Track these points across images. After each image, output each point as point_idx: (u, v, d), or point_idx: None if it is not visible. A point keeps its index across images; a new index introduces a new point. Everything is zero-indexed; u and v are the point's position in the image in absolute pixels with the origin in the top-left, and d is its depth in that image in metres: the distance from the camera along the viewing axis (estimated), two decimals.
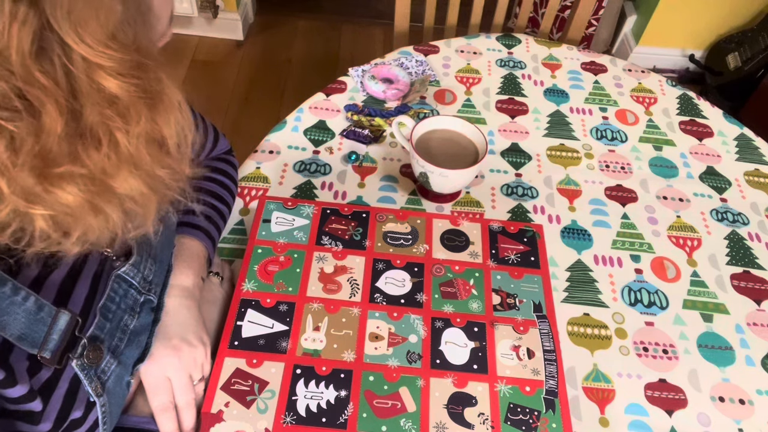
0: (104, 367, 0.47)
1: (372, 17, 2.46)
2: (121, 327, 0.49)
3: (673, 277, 0.78)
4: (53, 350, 0.42)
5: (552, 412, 0.63)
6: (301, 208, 0.79)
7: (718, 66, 2.07)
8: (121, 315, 0.49)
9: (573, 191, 0.87)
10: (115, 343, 0.48)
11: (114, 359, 0.48)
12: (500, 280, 0.74)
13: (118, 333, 0.49)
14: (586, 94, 1.02)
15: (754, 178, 0.91)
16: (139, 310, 0.51)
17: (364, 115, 0.92)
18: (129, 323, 0.50)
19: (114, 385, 0.48)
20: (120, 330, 0.49)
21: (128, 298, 0.50)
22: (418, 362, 0.66)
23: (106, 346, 0.47)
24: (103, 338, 0.47)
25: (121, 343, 0.49)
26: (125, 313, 0.49)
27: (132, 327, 0.50)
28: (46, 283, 0.43)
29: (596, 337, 0.71)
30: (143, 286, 0.52)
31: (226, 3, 2.22)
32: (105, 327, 0.47)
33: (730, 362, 0.70)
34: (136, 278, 0.50)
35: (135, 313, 0.51)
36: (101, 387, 0.46)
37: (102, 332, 0.47)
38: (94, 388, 0.45)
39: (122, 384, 0.49)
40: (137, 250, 0.51)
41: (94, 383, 0.45)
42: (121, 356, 0.49)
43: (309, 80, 2.20)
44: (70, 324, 0.43)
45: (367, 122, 0.92)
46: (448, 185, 0.80)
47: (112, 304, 0.48)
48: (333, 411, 0.62)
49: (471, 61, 1.06)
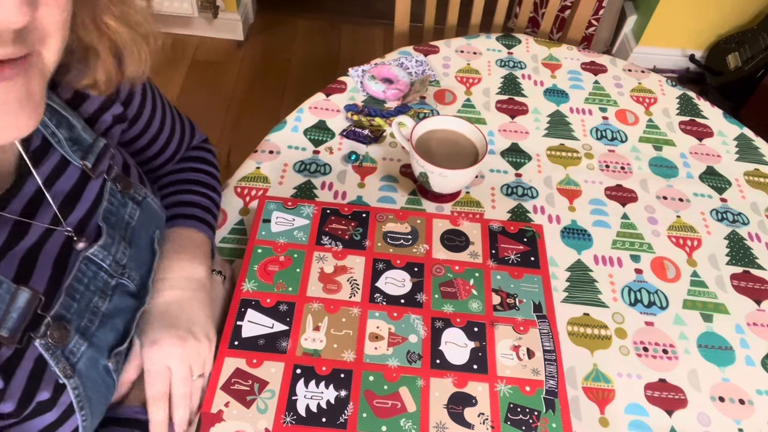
0: (72, 347, 0.46)
1: (372, 17, 2.47)
2: (91, 308, 0.49)
3: (673, 277, 0.78)
4: (12, 329, 0.41)
5: (552, 412, 0.63)
6: (301, 208, 0.79)
7: (718, 66, 2.07)
8: (90, 296, 0.49)
9: (573, 191, 0.87)
10: (84, 324, 0.48)
11: (84, 340, 0.47)
12: (500, 280, 0.74)
13: (88, 314, 0.48)
14: (586, 94, 1.02)
15: (754, 178, 0.91)
16: (111, 293, 0.51)
17: (364, 115, 0.92)
18: (100, 305, 0.50)
19: (87, 367, 0.47)
20: (90, 311, 0.48)
21: (98, 280, 0.50)
22: (418, 362, 0.66)
23: (73, 327, 0.46)
24: (69, 318, 0.46)
25: (91, 325, 0.48)
26: (95, 294, 0.49)
27: (104, 309, 0.50)
28: (4, 261, 0.43)
29: (596, 337, 0.71)
30: (115, 269, 0.51)
31: (226, 3, 2.22)
32: (72, 307, 0.47)
33: (730, 362, 0.70)
34: (106, 261, 0.50)
35: (106, 295, 0.50)
36: (70, 368, 0.45)
37: (68, 312, 0.46)
38: (62, 369, 0.44)
39: (98, 368, 0.49)
40: (106, 232, 0.51)
41: (61, 364, 0.45)
42: (93, 338, 0.48)
43: (309, 80, 2.20)
44: (31, 302, 0.42)
45: (367, 122, 0.92)
46: (448, 185, 0.80)
47: (79, 284, 0.48)
48: (333, 411, 0.62)
49: (471, 61, 1.06)
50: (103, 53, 0.46)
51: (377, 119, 0.91)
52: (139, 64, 0.49)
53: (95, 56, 0.46)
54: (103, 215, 0.52)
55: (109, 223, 0.52)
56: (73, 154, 0.50)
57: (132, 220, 0.55)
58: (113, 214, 0.53)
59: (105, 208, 0.52)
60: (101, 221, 0.51)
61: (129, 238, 0.54)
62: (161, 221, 0.61)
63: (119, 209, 0.54)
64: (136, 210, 0.56)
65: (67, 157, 0.50)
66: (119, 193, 0.54)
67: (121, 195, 0.54)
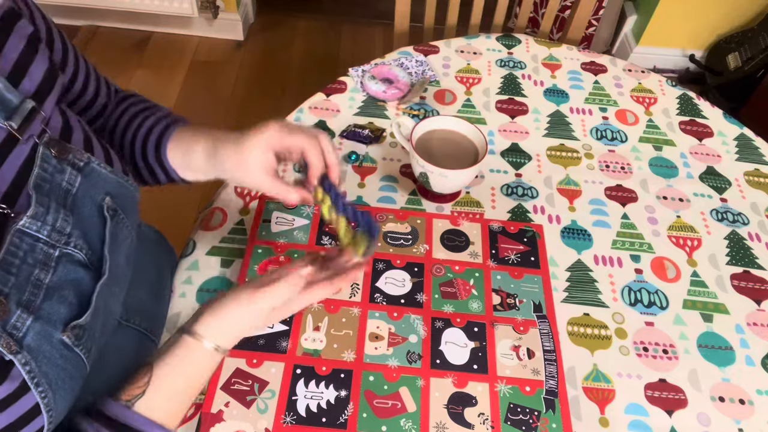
0: (14, 322, 0.45)
1: (372, 17, 2.47)
2: (33, 281, 0.47)
3: (673, 277, 0.78)
4: None
5: (552, 412, 0.63)
6: (301, 208, 0.79)
7: (718, 66, 2.07)
8: (29, 269, 0.47)
9: (573, 191, 0.87)
10: (26, 297, 0.46)
11: (27, 314, 0.45)
12: (500, 280, 0.74)
13: (29, 287, 0.46)
14: (586, 94, 1.02)
15: (754, 178, 0.91)
16: (54, 265, 0.49)
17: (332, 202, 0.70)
18: (42, 278, 0.48)
19: (37, 342, 0.46)
20: (32, 284, 0.47)
21: (36, 253, 0.48)
22: (418, 362, 0.66)
23: (12, 301, 0.45)
24: (7, 292, 0.45)
25: (35, 298, 0.47)
26: (34, 267, 0.47)
27: (48, 282, 0.48)
28: None
29: (596, 337, 0.71)
30: (57, 239, 0.49)
31: (226, 3, 2.22)
32: (8, 281, 0.45)
33: (730, 362, 0.70)
34: (42, 231, 0.48)
35: (48, 267, 0.48)
36: (15, 344, 0.44)
37: (5, 287, 0.45)
38: (4, 344, 0.43)
39: (51, 341, 0.47)
40: (36, 201, 0.48)
41: (3, 339, 0.43)
42: (39, 311, 0.47)
43: (309, 80, 2.20)
44: None
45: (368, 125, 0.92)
46: (448, 185, 0.80)
47: (14, 258, 0.46)
48: (333, 411, 0.62)
49: (471, 62, 1.06)
50: None
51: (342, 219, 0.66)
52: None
53: None
54: (34, 183, 0.48)
55: (42, 191, 0.49)
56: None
57: (72, 187, 0.52)
58: (46, 181, 0.50)
59: (36, 174, 0.49)
60: (32, 189, 0.48)
61: (70, 205, 0.51)
62: (113, 186, 0.57)
63: (54, 176, 0.51)
64: (77, 176, 0.53)
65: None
66: (54, 159, 0.51)
67: (57, 161, 0.51)
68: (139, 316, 0.65)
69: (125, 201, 0.58)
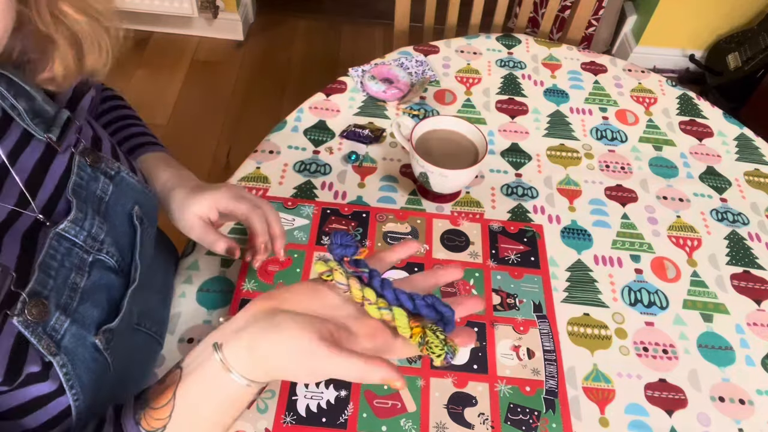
0: (54, 324, 0.45)
1: (372, 17, 2.47)
2: (70, 285, 0.47)
3: (673, 277, 0.78)
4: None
5: (552, 412, 0.63)
6: (301, 208, 0.79)
7: (718, 66, 2.08)
8: (66, 273, 0.47)
9: (573, 191, 0.87)
10: (64, 300, 0.46)
11: (65, 317, 0.46)
12: (500, 280, 0.74)
13: (67, 291, 0.47)
14: (586, 94, 1.02)
15: (754, 178, 0.91)
16: (89, 270, 0.50)
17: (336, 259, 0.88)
18: (78, 282, 0.48)
19: (73, 345, 0.46)
20: (69, 288, 0.47)
21: (73, 257, 0.48)
22: (418, 362, 0.66)
23: (52, 303, 0.45)
24: (47, 295, 0.45)
25: (72, 301, 0.47)
26: (71, 271, 0.48)
27: (83, 286, 0.49)
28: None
29: (596, 337, 0.71)
30: (91, 245, 0.50)
31: (226, 3, 2.23)
32: (48, 284, 0.45)
33: (730, 362, 0.70)
34: (79, 236, 0.49)
35: (83, 271, 0.49)
36: (54, 346, 0.44)
37: (45, 289, 0.45)
38: (45, 346, 0.43)
39: (86, 345, 0.47)
40: (76, 206, 0.49)
41: (44, 341, 0.43)
42: (75, 314, 0.47)
43: (309, 80, 2.20)
44: (2, 279, 0.41)
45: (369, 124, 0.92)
46: (448, 185, 0.80)
47: (53, 261, 0.46)
48: (333, 411, 0.62)
49: (471, 62, 1.06)
50: (61, 43, 0.44)
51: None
52: (100, 57, 0.48)
53: (52, 46, 0.44)
54: (72, 189, 0.50)
55: (80, 198, 0.50)
56: (36, 127, 0.47)
57: (105, 195, 0.53)
58: (83, 188, 0.51)
59: (74, 182, 0.50)
60: (71, 195, 0.49)
61: (103, 213, 0.52)
62: (139, 194, 0.58)
63: (89, 183, 0.52)
64: (109, 185, 0.54)
65: (30, 130, 0.47)
66: (89, 167, 0.52)
67: (91, 169, 0.52)
68: (149, 320, 0.64)
69: (149, 209, 0.60)
